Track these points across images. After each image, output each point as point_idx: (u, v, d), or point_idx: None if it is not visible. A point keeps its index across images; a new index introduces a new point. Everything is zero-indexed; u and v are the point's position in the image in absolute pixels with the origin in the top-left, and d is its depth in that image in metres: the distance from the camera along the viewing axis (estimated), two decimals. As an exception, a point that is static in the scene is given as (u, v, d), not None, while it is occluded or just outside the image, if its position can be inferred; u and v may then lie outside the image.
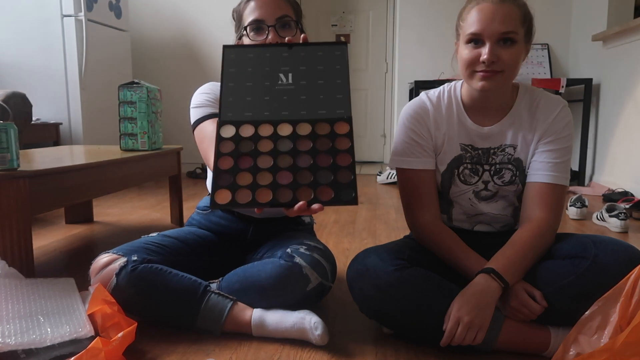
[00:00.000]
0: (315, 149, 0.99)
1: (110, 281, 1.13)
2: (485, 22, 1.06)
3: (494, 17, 1.05)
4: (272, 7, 1.18)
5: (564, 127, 1.15)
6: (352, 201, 0.94)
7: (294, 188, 0.96)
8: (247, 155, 0.99)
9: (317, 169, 0.97)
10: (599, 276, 1.00)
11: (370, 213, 2.65)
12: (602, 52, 3.46)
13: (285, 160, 0.98)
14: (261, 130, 1.02)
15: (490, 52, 1.06)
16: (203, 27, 4.33)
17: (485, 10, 1.07)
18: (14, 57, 3.31)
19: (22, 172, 1.30)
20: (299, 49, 1.08)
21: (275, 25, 1.18)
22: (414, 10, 4.28)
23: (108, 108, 3.55)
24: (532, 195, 1.15)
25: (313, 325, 1.09)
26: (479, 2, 1.09)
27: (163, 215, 2.53)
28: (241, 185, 0.96)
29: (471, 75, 1.11)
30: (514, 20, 1.06)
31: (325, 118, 1.02)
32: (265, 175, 0.97)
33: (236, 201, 0.95)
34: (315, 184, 0.96)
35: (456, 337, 0.99)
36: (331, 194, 0.95)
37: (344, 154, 0.99)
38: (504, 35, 1.06)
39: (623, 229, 2.19)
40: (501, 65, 1.07)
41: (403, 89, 4.39)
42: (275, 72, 1.06)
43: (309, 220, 1.46)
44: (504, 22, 1.05)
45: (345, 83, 1.06)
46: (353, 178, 0.96)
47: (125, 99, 1.99)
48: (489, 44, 1.06)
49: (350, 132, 1.01)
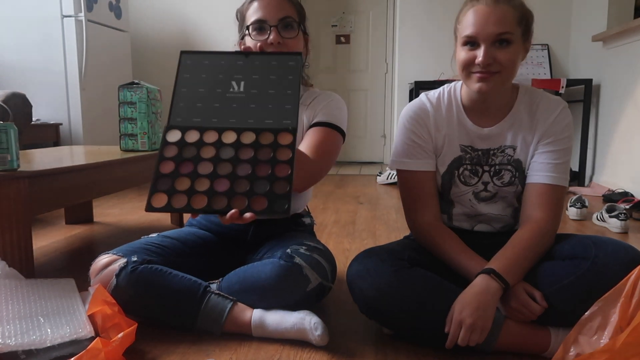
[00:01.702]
0: (255, 158, 1.00)
1: (110, 282, 1.13)
2: (479, 24, 1.06)
3: (488, 18, 1.06)
4: (275, 7, 1.18)
5: (563, 128, 1.15)
6: (284, 212, 0.94)
7: (230, 196, 0.96)
8: (188, 161, 1.00)
9: (254, 178, 0.98)
10: (599, 277, 1.00)
11: (371, 213, 2.66)
12: (602, 52, 3.46)
13: (225, 167, 0.99)
14: (206, 137, 1.03)
15: (486, 54, 1.06)
16: (203, 27, 4.33)
17: (480, 12, 1.07)
18: (14, 57, 3.31)
19: (22, 173, 1.30)
20: (254, 57, 1.09)
21: (278, 26, 1.18)
22: (414, 11, 4.28)
23: (108, 108, 3.55)
24: (532, 195, 1.15)
25: (313, 326, 1.09)
26: (473, 4, 1.09)
27: (163, 215, 2.53)
28: (178, 190, 0.97)
29: (468, 76, 1.11)
30: (509, 21, 1.06)
31: (270, 128, 1.02)
32: (203, 182, 0.98)
33: (171, 205, 0.96)
34: (251, 193, 0.96)
35: (459, 340, 0.99)
36: (264, 204, 0.95)
37: (283, 165, 0.99)
38: (499, 37, 1.06)
39: (623, 229, 2.19)
40: (497, 67, 1.07)
41: (403, 90, 4.39)
42: (228, 79, 1.06)
43: (309, 221, 1.46)
44: (499, 24, 1.05)
45: (295, 94, 1.05)
46: (288, 189, 0.96)
47: (125, 100, 1.99)
48: (484, 45, 1.06)
49: (292, 144, 1.01)
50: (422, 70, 4.18)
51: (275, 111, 1.04)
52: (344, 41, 5.13)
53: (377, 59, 5.10)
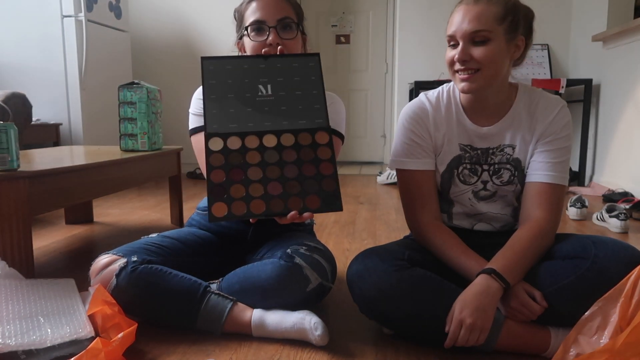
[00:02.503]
0: (300, 159, 1.05)
1: (110, 282, 1.13)
2: (457, 23, 1.10)
3: (465, 17, 1.08)
4: (273, 8, 1.18)
5: (562, 128, 1.15)
6: (338, 208, 1.02)
7: (285, 198, 1.02)
8: (237, 168, 1.04)
9: (303, 178, 1.04)
10: (599, 276, 1.00)
11: (371, 213, 2.65)
12: (602, 52, 3.46)
13: (274, 171, 1.04)
14: (248, 142, 1.07)
15: (461, 52, 1.09)
16: (203, 27, 4.33)
17: (459, 12, 1.10)
18: (14, 58, 3.31)
19: (22, 173, 1.30)
20: (274, 60, 1.12)
21: (277, 27, 1.18)
22: (414, 11, 4.28)
23: (108, 108, 3.55)
24: (531, 195, 1.15)
25: (313, 326, 1.09)
26: (458, 4, 1.12)
27: (163, 215, 2.53)
28: (235, 198, 1.02)
29: (454, 76, 1.14)
30: (486, 19, 1.07)
31: (307, 128, 1.08)
32: (257, 187, 1.03)
33: (232, 213, 1.01)
34: (304, 194, 1.03)
35: (459, 340, 0.99)
36: (318, 202, 1.02)
37: (326, 163, 1.06)
38: (473, 35, 1.07)
39: (623, 229, 2.19)
40: (474, 64, 1.09)
41: (403, 90, 4.39)
42: (255, 83, 1.09)
43: (308, 221, 1.46)
44: (473, 21, 1.07)
45: (321, 93, 1.11)
46: (337, 187, 1.04)
47: (125, 100, 1.99)
48: (461, 43, 1.09)
49: (330, 142, 1.07)
50: (422, 70, 4.18)
51: (306, 111, 1.09)
52: (344, 41, 5.13)
53: (377, 59, 5.10)
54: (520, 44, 1.12)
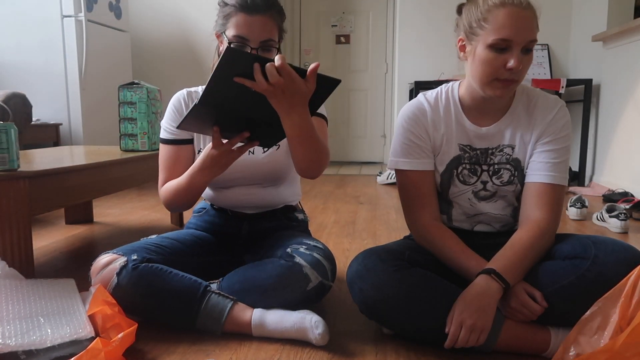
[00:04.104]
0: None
1: (111, 281, 1.13)
2: (517, 28, 1.02)
3: (525, 23, 1.03)
4: (258, 28, 1.16)
5: (562, 127, 1.15)
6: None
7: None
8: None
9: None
10: (599, 277, 1.00)
11: (370, 213, 2.65)
12: (602, 52, 3.46)
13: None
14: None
15: (518, 60, 1.03)
16: (203, 27, 4.33)
17: (516, 16, 1.02)
18: (14, 57, 3.31)
19: (22, 173, 1.30)
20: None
21: (258, 48, 1.17)
22: (414, 11, 4.28)
23: (108, 108, 3.55)
24: (531, 195, 1.15)
25: (314, 324, 1.09)
26: (504, 4, 1.04)
27: (163, 215, 2.54)
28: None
29: (491, 82, 1.08)
30: (536, 28, 1.05)
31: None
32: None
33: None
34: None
35: (459, 340, 0.99)
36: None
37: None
38: (531, 44, 1.04)
39: (623, 229, 2.19)
40: (519, 74, 1.06)
41: (403, 90, 4.39)
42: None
43: (302, 217, 1.47)
44: (532, 30, 1.04)
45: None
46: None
47: (125, 100, 1.99)
48: (516, 51, 1.04)
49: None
50: (422, 70, 4.19)
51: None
52: (344, 41, 5.13)
53: (377, 59, 5.10)
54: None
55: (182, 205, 1.26)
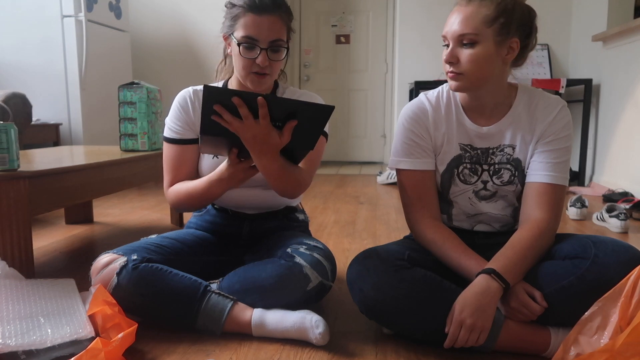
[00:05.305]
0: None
1: (111, 280, 1.13)
2: (449, 24, 1.10)
3: (456, 18, 1.09)
4: (268, 28, 1.15)
5: (562, 128, 1.15)
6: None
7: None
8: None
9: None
10: (599, 276, 1.00)
11: (370, 213, 2.65)
12: (602, 52, 3.46)
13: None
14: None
15: (449, 53, 1.10)
16: (203, 27, 4.33)
17: (453, 13, 1.10)
18: (14, 57, 3.31)
19: (22, 173, 1.30)
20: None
21: (268, 49, 1.17)
22: (414, 11, 4.28)
23: (108, 108, 3.55)
24: (531, 195, 1.15)
25: (314, 324, 1.09)
26: (455, 4, 1.12)
27: (163, 215, 2.54)
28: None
29: (446, 74, 1.14)
30: (474, 21, 1.06)
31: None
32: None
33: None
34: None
35: (459, 340, 0.99)
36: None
37: None
38: (461, 37, 1.08)
39: (623, 229, 2.19)
40: (459, 67, 1.09)
41: (403, 90, 4.39)
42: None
43: (303, 218, 1.47)
44: (462, 24, 1.07)
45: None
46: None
47: (125, 100, 1.99)
48: (451, 45, 1.10)
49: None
50: (422, 70, 4.18)
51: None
52: (344, 41, 5.13)
53: (377, 59, 5.10)
54: (514, 46, 1.10)
55: (193, 208, 1.30)
